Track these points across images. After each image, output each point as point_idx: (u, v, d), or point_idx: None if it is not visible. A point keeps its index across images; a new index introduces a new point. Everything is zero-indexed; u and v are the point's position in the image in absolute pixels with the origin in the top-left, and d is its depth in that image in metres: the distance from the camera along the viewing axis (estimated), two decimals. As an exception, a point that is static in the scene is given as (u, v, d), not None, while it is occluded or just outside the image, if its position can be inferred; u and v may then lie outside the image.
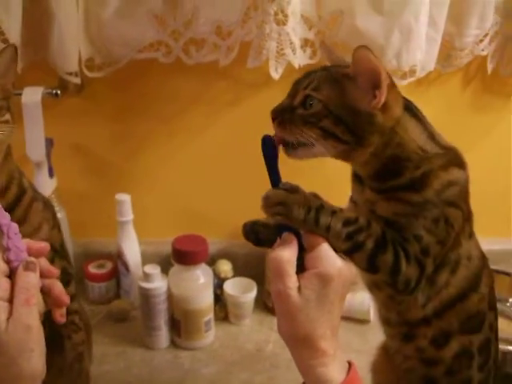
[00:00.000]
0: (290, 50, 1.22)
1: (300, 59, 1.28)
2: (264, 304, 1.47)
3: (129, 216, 1.40)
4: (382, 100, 0.77)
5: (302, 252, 0.74)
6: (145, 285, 1.28)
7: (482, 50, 1.39)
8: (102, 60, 1.34)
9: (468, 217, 0.87)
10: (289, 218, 0.74)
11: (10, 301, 0.66)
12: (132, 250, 1.42)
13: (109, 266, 1.47)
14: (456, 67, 1.40)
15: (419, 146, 0.82)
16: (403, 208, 0.81)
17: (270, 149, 0.80)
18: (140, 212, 1.41)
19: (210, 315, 1.33)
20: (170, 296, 1.30)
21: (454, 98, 1.46)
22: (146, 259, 1.43)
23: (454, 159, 0.85)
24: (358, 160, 0.83)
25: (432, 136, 0.84)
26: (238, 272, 1.46)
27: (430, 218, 0.80)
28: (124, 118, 1.43)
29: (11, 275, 0.68)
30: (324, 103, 0.78)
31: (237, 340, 1.37)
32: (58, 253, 1.03)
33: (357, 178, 0.90)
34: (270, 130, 1.29)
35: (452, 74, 1.43)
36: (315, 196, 0.77)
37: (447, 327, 0.88)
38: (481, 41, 1.37)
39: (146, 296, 1.29)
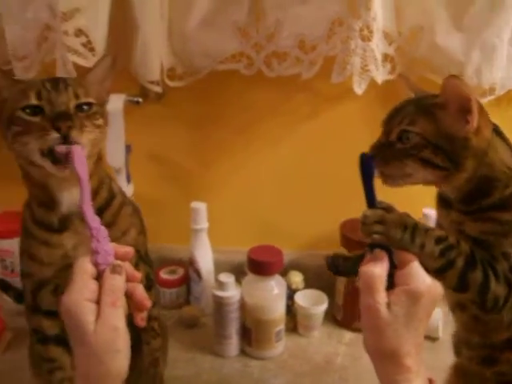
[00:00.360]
0: (373, 66, 1.25)
1: (381, 74, 1.32)
2: (333, 317, 1.49)
3: (203, 224, 1.45)
4: (475, 124, 0.80)
5: (393, 269, 0.77)
6: (219, 293, 1.32)
7: None
8: (184, 70, 1.39)
9: None
10: (386, 236, 0.78)
11: (97, 302, 0.70)
12: (205, 258, 1.47)
13: (180, 272, 1.52)
14: None
15: (507, 165, 0.84)
16: (492, 227, 0.83)
17: (368, 168, 0.83)
18: (214, 220, 1.45)
19: (282, 326, 1.36)
20: (242, 305, 1.34)
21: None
22: (217, 267, 1.48)
23: None
24: (453, 185, 0.86)
25: None
26: (308, 283, 1.49)
27: None
28: (202, 127, 1.48)
29: (98, 278, 0.72)
30: (421, 135, 0.81)
31: (306, 351, 1.40)
32: (142, 258, 1.07)
33: (442, 202, 0.93)
34: (346, 143, 1.34)
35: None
36: (408, 215, 0.80)
37: None
38: None
39: (220, 304, 1.33)
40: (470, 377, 0.96)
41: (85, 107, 0.88)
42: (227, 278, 1.33)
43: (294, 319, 1.45)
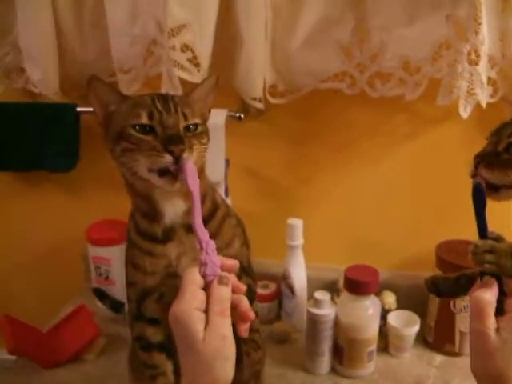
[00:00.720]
0: (479, 90, 1.27)
1: (485, 98, 1.33)
2: (424, 338, 1.50)
3: (299, 240, 1.49)
4: None
5: (502, 296, 0.80)
6: (314, 310, 1.35)
7: None
8: (285, 87, 1.43)
9: None
10: (497, 265, 0.81)
11: (205, 312, 0.75)
12: (299, 274, 1.50)
13: (272, 287, 1.57)
14: None
15: None
16: None
17: (480, 197, 0.85)
18: (309, 236, 1.49)
19: (374, 345, 1.38)
20: (336, 323, 1.36)
21: None
22: (310, 284, 1.52)
23: None
24: None
25: None
26: (400, 304, 1.51)
27: None
28: (300, 144, 1.52)
29: (205, 288, 0.77)
30: None
31: (396, 372, 1.41)
32: (245, 270, 1.11)
33: None
34: (446, 165, 1.37)
35: None
36: None
37: None
38: None
39: (314, 321, 1.36)
40: None
41: (191, 127, 0.92)
42: (323, 296, 1.36)
43: (385, 339, 1.46)
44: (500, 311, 0.79)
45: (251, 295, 1.11)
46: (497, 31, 1.28)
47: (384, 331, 1.46)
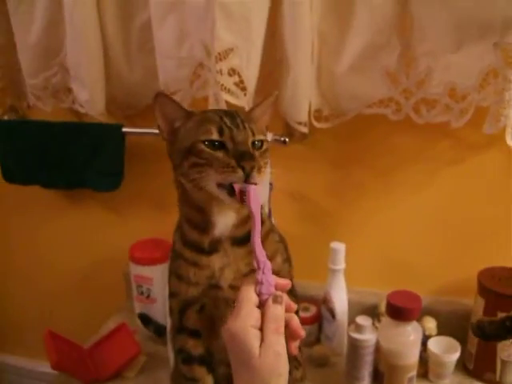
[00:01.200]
0: (525, 118, 1.29)
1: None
2: (464, 365, 1.52)
3: (341, 264, 1.52)
4: None
5: None
6: (356, 335, 1.39)
7: None
8: (330, 112, 1.47)
9: None
10: None
11: (260, 329, 0.78)
12: (340, 298, 1.53)
13: (313, 309, 1.59)
14: None
15: None
16: None
17: None
18: (350, 260, 1.52)
19: (414, 372, 1.40)
20: (377, 348, 1.39)
21: None
22: (350, 307, 1.55)
23: None
24: None
25: None
26: (440, 330, 1.52)
27: None
28: (343, 168, 1.56)
29: (260, 306, 0.81)
30: None
31: (437, 399, 1.44)
32: (293, 294, 1.14)
33: None
34: (488, 193, 1.39)
35: None
36: None
37: None
38: None
39: (356, 346, 1.39)
40: None
41: (257, 143, 0.96)
42: (365, 322, 1.39)
43: (425, 365, 1.48)
44: None
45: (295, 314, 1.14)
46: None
47: (424, 357, 1.47)
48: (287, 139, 1.46)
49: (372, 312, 1.52)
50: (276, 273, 0.88)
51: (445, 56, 1.33)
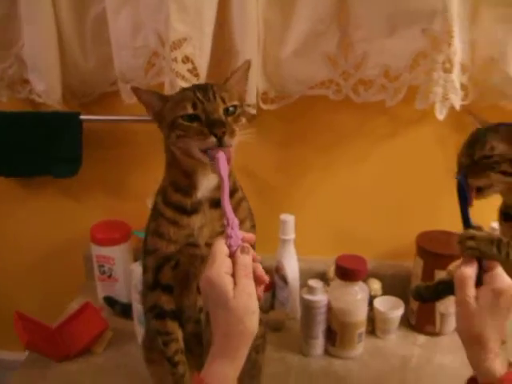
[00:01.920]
0: (453, 95, 1.49)
1: (458, 102, 1.56)
2: (407, 320, 1.73)
3: (291, 235, 1.70)
4: None
5: (481, 272, 1.03)
6: (308, 297, 1.56)
7: None
8: (276, 94, 1.63)
9: None
10: (478, 250, 1.03)
11: (232, 276, 0.95)
12: (291, 266, 1.71)
13: (267, 278, 1.77)
14: None
15: None
16: None
17: (463, 192, 1.10)
18: (299, 231, 1.71)
19: (363, 328, 1.59)
20: (329, 308, 1.57)
21: None
22: (300, 275, 1.74)
23: None
24: None
25: None
26: (385, 290, 1.73)
27: None
28: (289, 146, 1.73)
29: (230, 256, 0.97)
30: (501, 156, 1.09)
31: (383, 352, 1.63)
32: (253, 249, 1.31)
33: (504, 216, 1.20)
34: (421, 164, 1.59)
35: None
36: (492, 234, 1.07)
37: None
38: None
39: (309, 307, 1.56)
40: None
41: (230, 109, 1.12)
42: (316, 284, 1.56)
43: (372, 323, 1.68)
44: (479, 283, 1.02)
45: None
46: (467, 42, 1.51)
47: (371, 316, 1.66)
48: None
49: (321, 278, 1.69)
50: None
51: (379, 41, 1.51)
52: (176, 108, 1.11)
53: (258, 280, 0.99)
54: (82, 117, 1.69)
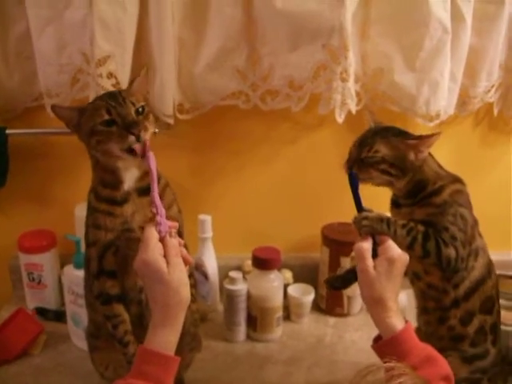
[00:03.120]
0: (350, 101, 1.76)
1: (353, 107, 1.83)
2: (317, 305, 2.00)
3: (209, 233, 1.92)
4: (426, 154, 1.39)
5: (375, 245, 1.27)
6: (230, 287, 1.78)
7: (490, 98, 1.94)
8: (191, 105, 1.84)
9: (475, 220, 1.44)
10: (372, 228, 1.29)
11: (164, 256, 1.15)
12: (211, 262, 1.93)
13: (188, 275, 1.98)
14: (470, 112, 1.96)
15: (434, 170, 1.43)
16: (432, 209, 1.39)
17: (354, 181, 1.34)
18: (215, 230, 1.94)
19: (281, 312, 1.83)
20: (248, 296, 1.80)
21: (466, 135, 2.05)
22: (219, 271, 1.97)
23: (458, 179, 1.45)
24: (400, 185, 1.43)
25: (439, 165, 1.45)
26: (295, 279, 2.00)
27: (450, 214, 1.38)
28: (203, 152, 1.95)
29: (160, 241, 1.17)
30: (382, 158, 1.39)
31: (300, 334, 1.88)
32: (181, 235, 1.43)
33: (394, 205, 1.50)
34: (322, 164, 1.88)
35: (466, 117, 2.01)
36: (382, 214, 1.34)
37: (471, 308, 1.43)
38: (489, 90, 1.93)
39: (231, 296, 1.78)
40: (427, 338, 1.43)
41: (140, 109, 1.32)
42: (237, 275, 1.79)
43: (287, 309, 1.93)
44: (375, 255, 1.25)
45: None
46: (359, 55, 1.79)
47: (285, 303, 1.90)
48: (157, 130, 1.80)
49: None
50: (174, 219, 1.31)
51: (284, 55, 1.75)
52: (92, 116, 1.31)
53: (184, 261, 1.20)
54: (8, 131, 1.82)
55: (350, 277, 1.40)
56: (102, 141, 1.30)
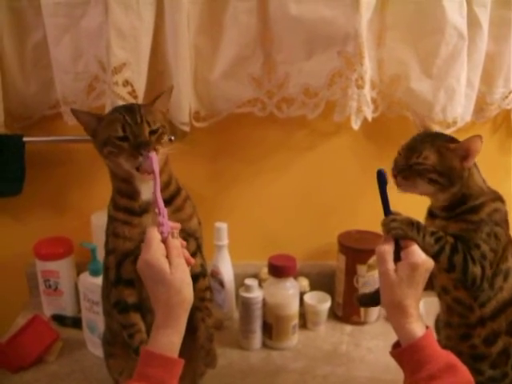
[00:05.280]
0: (366, 108, 1.78)
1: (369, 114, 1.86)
2: (334, 313, 2.02)
3: (225, 240, 1.95)
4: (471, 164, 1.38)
5: (399, 248, 1.27)
6: (246, 294, 1.81)
7: (507, 104, 1.96)
8: (207, 113, 1.88)
9: (510, 241, 1.42)
10: (401, 230, 1.28)
11: (166, 257, 1.17)
12: (226, 270, 1.96)
13: (204, 283, 2.01)
14: (487, 118, 1.98)
15: (478, 185, 1.41)
16: (466, 225, 1.38)
17: (383, 180, 1.31)
18: (231, 238, 1.96)
19: (296, 320, 1.85)
20: (264, 304, 1.82)
21: (484, 142, 2.06)
22: (235, 279, 1.99)
23: (499, 196, 1.43)
24: (445, 196, 1.41)
25: (484, 180, 1.43)
26: (312, 287, 2.02)
27: (484, 232, 1.36)
28: (220, 159, 1.99)
29: (163, 242, 1.19)
30: (431, 166, 1.36)
31: (316, 342, 1.90)
32: (199, 248, 1.53)
33: (430, 215, 1.48)
34: (338, 171, 1.90)
35: (483, 124, 2.03)
36: (410, 217, 1.33)
37: (497, 328, 1.42)
38: (506, 97, 1.95)
39: (247, 304, 1.81)
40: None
41: (155, 129, 1.36)
42: (252, 282, 1.82)
43: (303, 317, 1.95)
44: (398, 259, 1.25)
45: (203, 271, 1.54)
46: (375, 62, 1.82)
47: (301, 311, 1.93)
48: (173, 137, 1.84)
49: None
50: (193, 231, 1.41)
51: (299, 62, 1.79)
52: (108, 128, 1.35)
53: (185, 262, 1.23)
54: (25, 139, 1.87)
55: (378, 298, 1.36)
56: (114, 153, 1.34)
